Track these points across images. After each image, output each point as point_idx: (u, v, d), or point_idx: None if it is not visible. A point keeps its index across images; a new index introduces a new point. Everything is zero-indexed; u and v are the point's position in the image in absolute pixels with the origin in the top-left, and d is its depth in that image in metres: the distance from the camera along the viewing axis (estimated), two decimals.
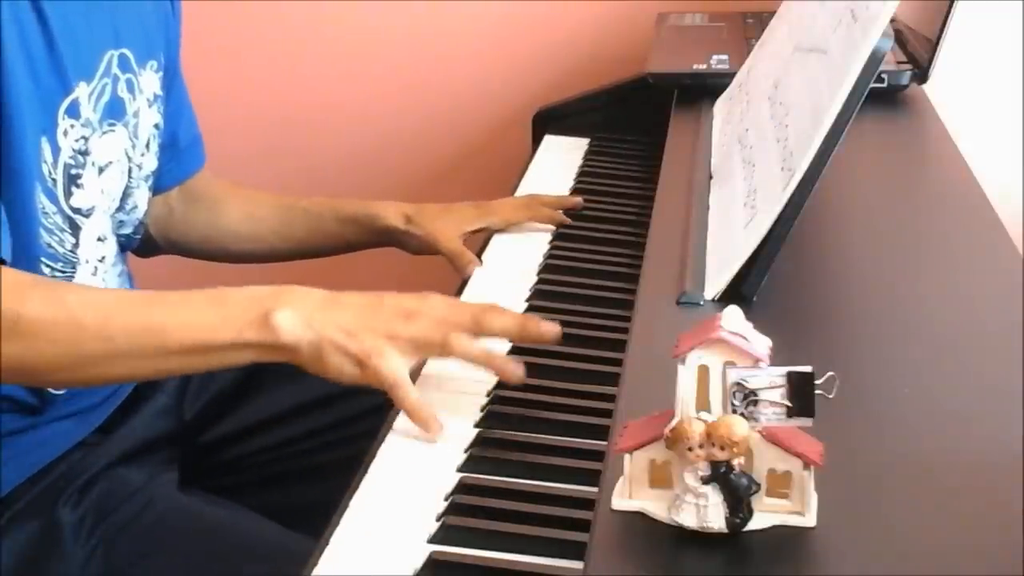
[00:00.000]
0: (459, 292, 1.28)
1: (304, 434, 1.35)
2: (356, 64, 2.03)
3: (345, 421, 1.33)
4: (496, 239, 1.40)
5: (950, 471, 0.78)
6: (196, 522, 1.17)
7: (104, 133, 1.16)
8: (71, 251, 1.13)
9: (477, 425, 1.01)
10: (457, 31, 2.00)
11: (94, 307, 1.01)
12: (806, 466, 0.72)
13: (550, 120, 1.76)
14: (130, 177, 1.22)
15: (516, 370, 1.02)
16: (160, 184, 1.36)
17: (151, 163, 1.26)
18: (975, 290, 1.05)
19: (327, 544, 0.87)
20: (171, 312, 1.01)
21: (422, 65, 2.02)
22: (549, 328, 1.04)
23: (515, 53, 1.99)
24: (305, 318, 1.00)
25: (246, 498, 1.25)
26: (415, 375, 1.07)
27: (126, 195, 1.22)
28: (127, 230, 1.25)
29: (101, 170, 1.17)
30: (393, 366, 1.00)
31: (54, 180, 1.11)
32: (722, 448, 0.70)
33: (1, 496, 1.15)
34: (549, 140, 1.73)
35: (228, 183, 1.48)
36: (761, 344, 0.72)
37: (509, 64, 2.00)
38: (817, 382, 0.71)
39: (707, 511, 0.71)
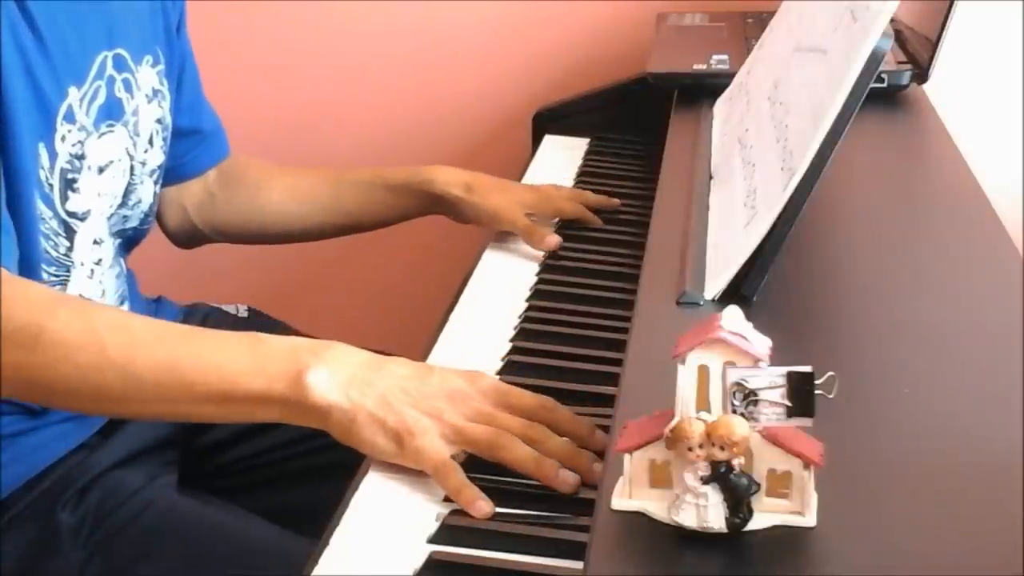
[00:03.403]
0: (461, 289, 1.28)
1: (303, 436, 1.34)
2: (356, 65, 2.03)
3: None
4: (495, 238, 1.40)
5: (950, 471, 0.78)
6: (195, 524, 1.17)
7: (102, 135, 1.16)
8: (65, 255, 1.13)
9: None
10: (457, 31, 2.00)
11: (122, 335, 0.97)
12: (806, 466, 0.72)
13: (550, 120, 1.76)
14: (132, 174, 1.22)
15: (568, 479, 0.91)
16: (187, 171, 1.39)
17: (156, 158, 1.26)
18: (975, 290, 1.05)
19: (327, 544, 0.87)
20: (201, 350, 0.96)
21: (422, 65, 2.02)
22: (598, 467, 0.91)
23: (515, 53, 1.99)
24: (341, 382, 0.93)
25: (245, 500, 1.25)
26: None
27: (129, 192, 1.22)
28: (133, 223, 1.25)
29: (101, 170, 1.17)
30: (436, 448, 0.92)
31: (51, 185, 1.10)
32: (722, 448, 0.69)
33: (1, 499, 1.15)
34: (549, 140, 1.73)
35: (268, 163, 1.48)
36: (761, 344, 0.72)
37: (509, 64, 1.99)
38: (817, 382, 0.71)
39: (707, 511, 0.71)
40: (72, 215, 1.13)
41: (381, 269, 2.10)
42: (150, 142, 1.24)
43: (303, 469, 1.34)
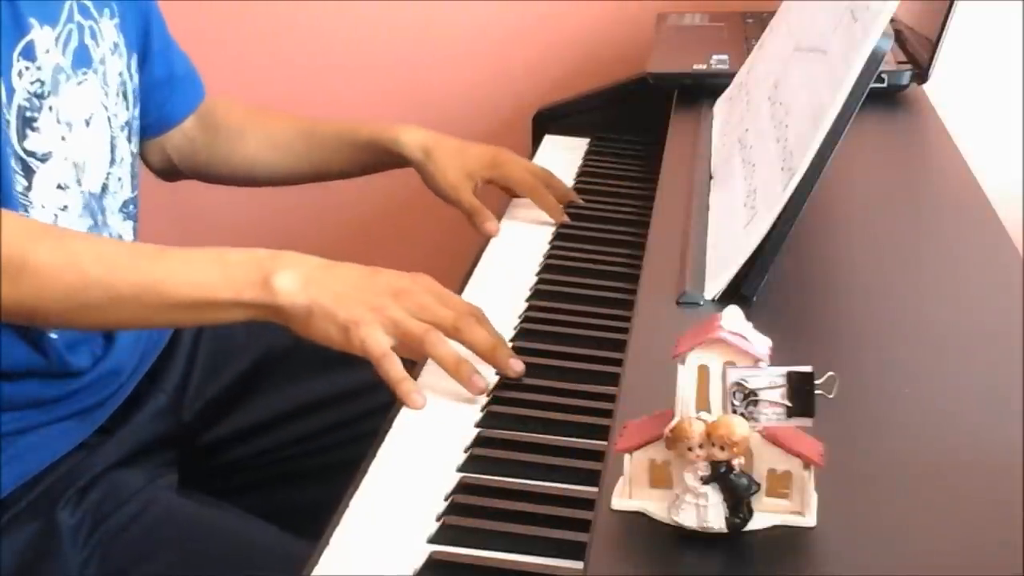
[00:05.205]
0: (461, 289, 1.28)
1: (304, 436, 1.35)
2: (356, 65, 2.03)
3: (345, 423, 1.33)
4: (496, 238, 1.41)
5: (950, 471, 0.78)
6: (195, 524, 1.17)
7: (80, 83, 1.17)
8: (23, 194, 1.12)
9: (477, 425, 1.01)
10: (457, 31, 2.00)
11: (100, 257, 1.04)
12: (806, 466, 0.72)
13: (550, 120, 1.76)
14: (111, 127, 1.22)
15: (479, 383, 1.04)
16: (169, 121, 1.42)
17: (123, 113, 1.26)
18: (975, 290, 1.05)
19: (327, 544, 0.87)
20: (174, 268, 1.05)
21: (422, 65, 2.02)
22: (515, 364, 1.06)
23: (515, 53, 1.99)
24: (302, 283, 1.04)
25: (245, 500, 1.25)
26: (415, 374, 1.07)
27: (113, 147, 1.22)
28: (127, 190, 1.25)
29: (87, 122, 1.18)
30: (378, 338, 1.03)
31: (7, 122, 1.10)
32: (722, 448, 0.70)
33: (0, 498, 1.15)
34: (549, 140, 1.73)
35: (248, 110, 1.51)
36: (761, 344, 0.72)
37: (509, 64, 2.00)
38: (817, 382, 0.71)
39: (707, 511, 0.71)
40: (31, 154, 1.13)
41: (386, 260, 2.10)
42: (117, 94, 1.25)
43: (303, 469, 1.34)
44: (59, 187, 1.16)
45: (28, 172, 1.13)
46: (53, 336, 1.14)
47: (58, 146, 1.15)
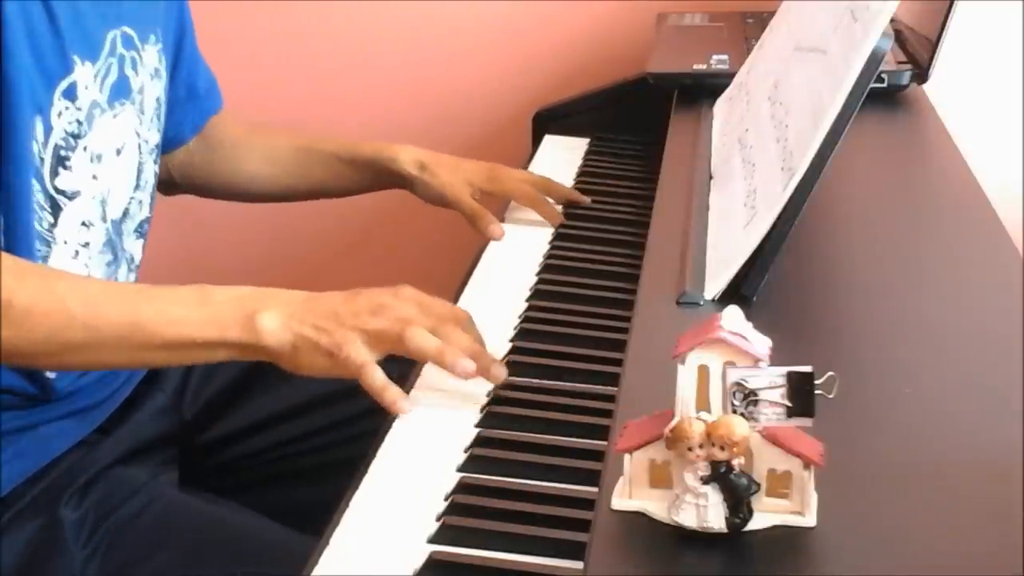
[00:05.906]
0: (460, 289, 1.28)
1: (304, 434, 1.35)
2: (356, 64, 2.03)
3: (345, 421, 1.33)
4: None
5: (950, 471, 0.78)
6: (196, 522, 1.17)
7: (116, 115, 1.17)
8: (47, 230, 1.13)
9: (477, 425, 1.01)
10: (457, 31, 2.00)
11: (83, 297, 1.03)
12: (806, 466, 0.72)
13: (550, 120, 1.77)
14: (140, 153, 1.22)
15: (467, 367, 1.03)
16: (184, 136, 1.42)
17: (155, 137, 1.26)
18: (975, 290, 1.05)
19: (327, 544, 0.87)
20: (157, 308, 1.04)
21: (422, 65, 2.02)
22: (496, 369, 1.04)
23: (515, 53, 1.99)
24: (285, 320, 1.03)
25: (246, 498, 1.25)
26: (416, 375, 1.07)
27: (139, 172, 1.23)
28: (145, 211, 1.25)
29: (119, 151, 1.18)
30: (360, 354, 1.02)
31: (42, 160, 1.10)
32: (722, 448, 0.70)
33: (2, 495, 1.15)
34: (549, 140, 1.73)
35: (248, 127, 1.51)
36: (761, 344, 0.72)
37: (509, 64, 1.99)
38: (817, 382, 0.71)
39: (707, 511, 0.71)
40: (60, 192, 1.13)
41: (381, 270, 2.10)
42: (151, 120, 1.25)
43: (304, 468, 1.34)
44: (83, 224, 1.17)
45: (56, 209, 1.13)
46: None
47: (87, 184, 1.16)
